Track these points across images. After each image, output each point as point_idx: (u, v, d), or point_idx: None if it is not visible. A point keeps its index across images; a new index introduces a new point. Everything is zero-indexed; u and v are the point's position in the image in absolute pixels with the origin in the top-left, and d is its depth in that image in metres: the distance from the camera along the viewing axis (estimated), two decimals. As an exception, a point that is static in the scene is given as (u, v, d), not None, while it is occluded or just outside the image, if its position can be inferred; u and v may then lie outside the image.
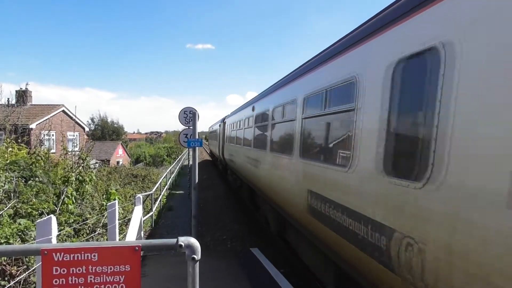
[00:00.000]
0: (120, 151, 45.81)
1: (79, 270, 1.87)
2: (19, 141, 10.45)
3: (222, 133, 18.73)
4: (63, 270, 1.86)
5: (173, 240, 1.93)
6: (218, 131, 21.65)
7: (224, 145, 17.56)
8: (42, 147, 11.51)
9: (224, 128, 17.89)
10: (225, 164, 18.41)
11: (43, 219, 3.17)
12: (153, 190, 11.70)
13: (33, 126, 20.76)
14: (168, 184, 17.86)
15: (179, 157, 36.33)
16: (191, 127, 8.76)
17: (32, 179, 7.99)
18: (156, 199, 12.36)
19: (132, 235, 5.78)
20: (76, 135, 25.03)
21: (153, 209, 10.96)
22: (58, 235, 5.54)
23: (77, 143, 22.56)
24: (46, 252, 1.84)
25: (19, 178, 7.73)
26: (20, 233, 5.44)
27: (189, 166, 14.01)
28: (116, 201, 6.01)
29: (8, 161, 8.38)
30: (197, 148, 8.42)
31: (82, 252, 1.87)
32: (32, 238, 5.25)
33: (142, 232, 8.50)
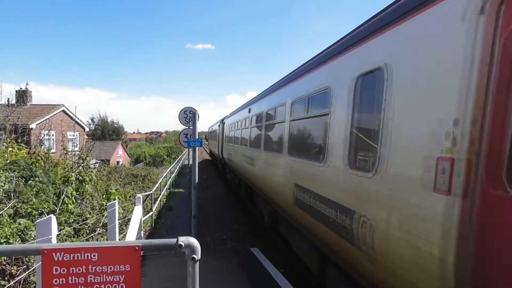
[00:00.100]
0: (120, 151, 45.83)
1: (79, 270, 1.87)
2: (19, 141, 10.45)
3: (221, 133, 19.28)
4: (63, 270, 1.86)
5: (173, 240, 1.93)
6: (218, 131, 22.24)
7: (223, 145, 18.07)
8: (42, 147, 11.51)
9: (223, 129, 18.40)
10: (224, 164, 18.93)
11: (43, 219, 3.17)
12: (153, 190, 11.70)
13: (33, 126, 20.77)
14: (168, 184, 17.87)
15: (179, 157, 36.33)
16: (191, 127, 8.76)
17: (32, 179, 7.99)
18: (156, 199, 12.37)
19: (132, 235, 5.78)
20: (76, 135, 25.04)
21: (153, 209, 10.96)
22: (58, 235, 5.54)
23: (77, 143, 22.58)
24: (46, 252, 1.84)
25: (19, 178, 7.73)
26: (20, 233, 5.44)
27: (189, 166, 14.02)
28: (116, 201, 6.01)
29: (8, 161, 8.39)
30: (197, 148, 8.42)
31: (82, 252, 1.87)
32: (32, 238, 5.25)
33: (142, 232, 8.50)
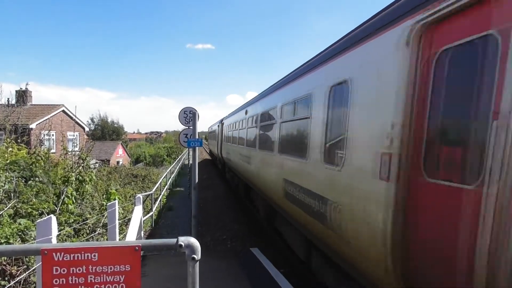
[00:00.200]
0: (120, 151, 45.81)
1: (79, 270, 1.87)
2: (19, 141, 10.45)
3: (220, 133, 19.88)
4: (63, 270, 1.86)
5: (173, 240, 1.93)
6: (217, 132, 22.87)
7: (222, 145, 18.62)
8: (42, 147, 11.51)
9: (222, 129, 18.96)
10: (223, 163, 19.49)
11: (43, 219, 3.17)
12: (153, 190, 11.70)
13: (33, 126, 20.77)
14: (168, 184, 17.87)
15: (179, 157, 36.33)
16: (191, 127, 8.77)
17: (32, 179, 7.99)
18: (156, 199, 12.37)
19: (132, 235, 5.78)
20: (76, 135, 25.04)
21: (153, 209, 10.96)
22: (58, 235, 5.54)
23: (77, 143, 22.56)
24: (46, 252, 1.84)
25: (19, 178, 7.73)
26: (20, 233, 5.44)
27: (189, 166, 14.02)
28: (116, 201, 6.01)
29: (8, 161, 8.39)
30: (197, 148, 8.42)
31: (82, 252, 1.87)
32: (32, 238, 5.25)
33: (142, 232, 8.50)
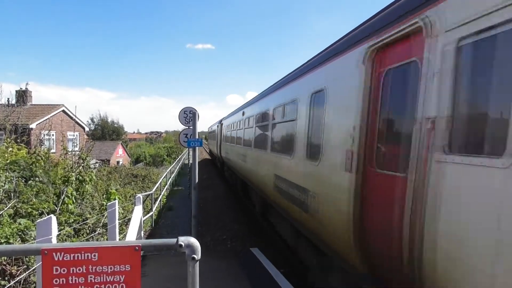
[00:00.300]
0: (120, 151, 45.81)
1: (79, 270, 1.87)
2: (18, 141, 10.44)
3: (220, 133, 20.65)
4: (63, 270, 1.86)
5: (173, 240, 1.93)
6: (216, 132, 23.64)
7: (221, 144, 19.39)
8: (42, 147, 11.50)
9: (221, 129, 19.69)
10: (223, 162, 20.23)
11: (43, 219, 3.17)
12: (153, 190, 11.70)
13: (33, 126, 20.77)
14: (168, 184, 17.87)
15: (179, 157, 36.32)
16: (191, 127, 8.77)
17: (32, 179, 7.98)
18: (156, 199, 12.37)
19: (132, 235, 5.78)
20: (76, 135, 25.03)
21: (153, 209, 10.97)
22: (58, 235, 5.54)
23: (77, 143, 22.54)
24: (46, 252, 1.84)
25: (19, 178, 7.73)
26: (20, 233, 5.43)
27: (189, 166, 14.02)
28: (116, 201, 6.01)
29: (8, 161, 8.38)
30: (197, 148, 8.42)
31: (82, 252, 1.87)
32: (32, 238, 5.25)
33: (142, 232, 8.50)
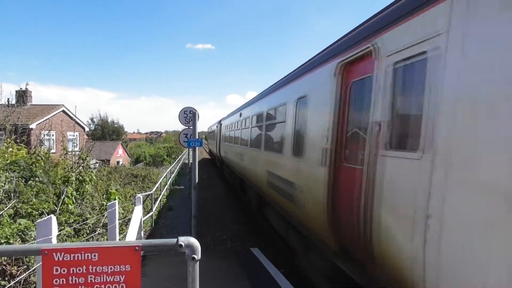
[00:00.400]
0: (120, 151, 45.80)
1: (79, 270, 1.87)
2: (18, 141, 10.43)
3: (219, 133, 21.30)
4: (64, 270, 1.86)
5: (173, 240, 1.93)
6: (216, 132, 24.26)
7: (220, 144, 20.09)
8: (42, 147, 11.50)
9: (220, 129, 20.33)
10: (222, 161, 20.91)
11: (43, 219, 3.17)
12: (153, 190, 11.70)
13: (33, 126, 20.76)
14: (168, 184, 17.88)
15: (179, 157, 36.32)
16: (191, 127, 8.77)
17: (32, 179, 7.98)
18: (156, 199, 12.37)
19: (132, 235, 5.78)
20: (76, 135, 25.02)
21: (153, 209, 10.96)
22: (58, 235, 5.54)
23: (77, 143, 22.54)
24: (47, 252, 1.85)
25: (19, 178, 7.73)
26: (20, 233, 5.44)
27: (189, 166, 14.03)
28: (116, 201, 6.01)
29: (8, 161, 8.38)
30: (197, 148, 8.42)
31: (82, 252, 1.87)
32: (32, 238, 5.25)
33: (142, 232, 8.50)
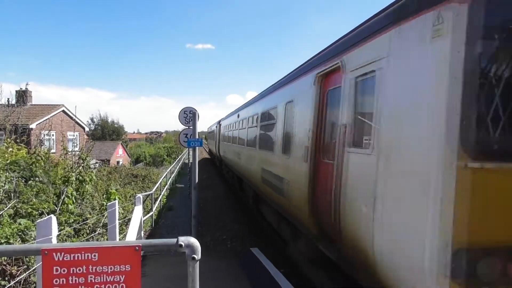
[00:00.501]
0: (120, 151, 45.81)
1: (80, 270, 1.87)
2: (18, 141, 10.43)
3: (218, 133, 21.92)
4: (64, 270, 1.86)
5: (173, 240, 1.94)
6: (215, 132, 24.83)
7: (220, 144, 20.75)
8: (42, 147, 11.50)
9: (220, 129, 20.95)
10: (221, 160, 21.43)
11: (43, 219, 3.17)
12: (153, 190, 11.71)
13: (33, 126, 20.76)
14: (168, 184, 17.88)
15: (179, 157, 36.34)
16: (191, 127, 8.77)
17: (32, 179, 7.98)
18: (156, 199, 12.37)
19: (132, 235, 5.79)
20: (76, 135, 25.01)
21: (153, 209, 10.97)
22: (58, 235, 5.53)
23: (77, 143, 22.53)
24: (47, 252, 1.85)
25: (19, 178, 7.72)
26: (20, 233, 5.44)
27: (189, 166, 14.03)
28: (116, 201, 6.02)
29: (8, 161, 8.38)
30: (197, 148, 8.42)
31: (83, 252, 1.87)
32: (32, 238, 5.25)
33: (142, 232, 8.50)
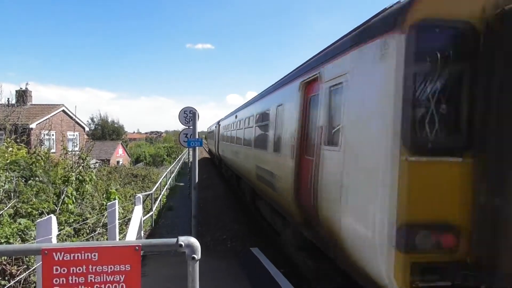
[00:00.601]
0: (120, 151, 45.80)
1: (79, 270, 1.87)
2: (18, 141, 10.42)
3: (217, 133, 22.46)
4: (64, 270, 1.86)
5: (173, 240, 1.93)
6: (215, 132, 25.30)
7: (219, 143, 21.30)
8: (42, 147, 11.50)
9: (219, 130, 21.49)
10: (220, 159, 22.02)
11: (43, 219, 3.17)
12: (153, 190, 11.72)
13: (33, 126, 20.75)
14: (168, 184, 17.89)
15: (179, 157, 36.34)
16: (191, 127, 8.77)
17: (32, 179, 7.97)
18: (156, 199, 12.38)
19: (132, 235, 5.78)
20: (76, 135, 25.00)
21: (153, 209, 10.97)
22: (58, 235, 5.53)
23: (77, 143, 22.51)
24: (47, 252, 1.85)
25: (19, 178, 7.72)
26: (20, 233, 5.43)
27: (189, 166, 14.03)
28: (116, 201, 6.02)
29: (8, 161, 8.38)
30: (197, 148, 8.42)
31: (82, 252, 1.87)
32: (32, 238, 5.25)
33: (142, 232, 8.50)
